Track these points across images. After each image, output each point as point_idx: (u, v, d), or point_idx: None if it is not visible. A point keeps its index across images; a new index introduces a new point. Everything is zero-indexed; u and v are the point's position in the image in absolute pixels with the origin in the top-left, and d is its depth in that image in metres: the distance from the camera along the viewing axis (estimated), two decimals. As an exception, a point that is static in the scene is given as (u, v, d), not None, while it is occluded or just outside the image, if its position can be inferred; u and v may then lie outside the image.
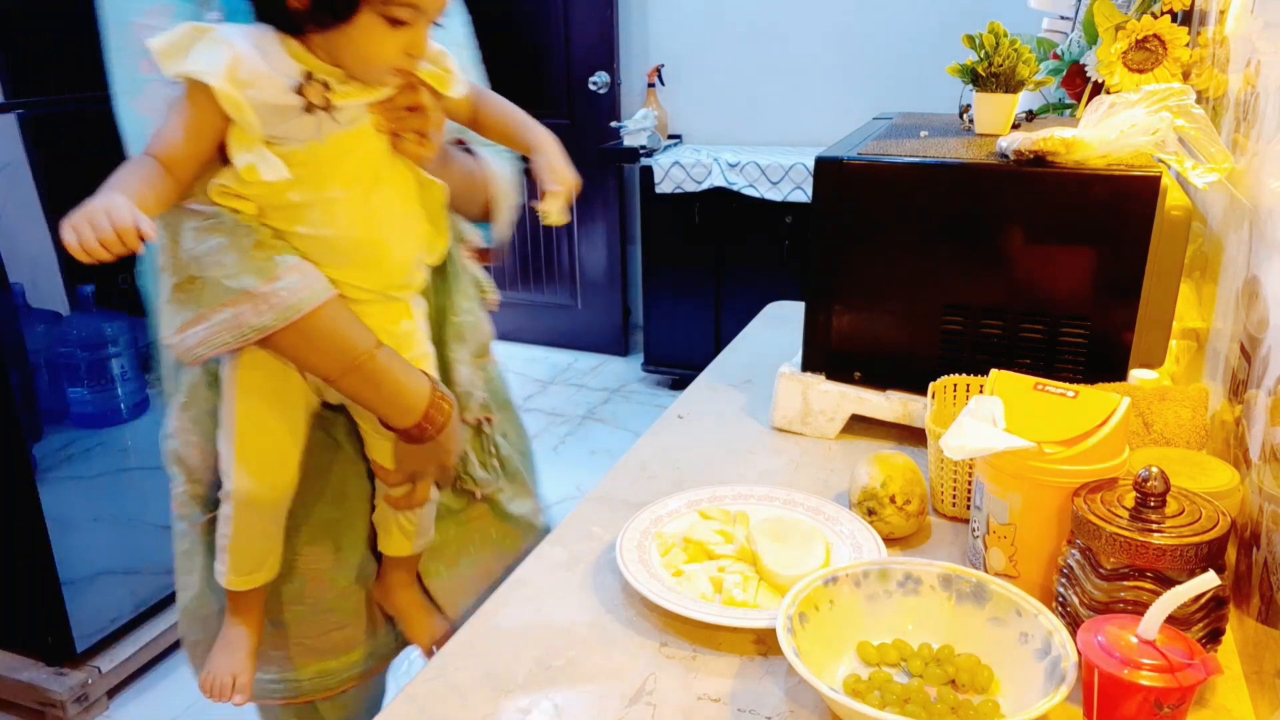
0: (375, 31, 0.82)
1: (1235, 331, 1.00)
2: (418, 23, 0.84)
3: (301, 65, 0.83)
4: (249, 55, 0.82)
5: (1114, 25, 1.33)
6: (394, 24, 0.82)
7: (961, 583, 0.81)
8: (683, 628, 0.85)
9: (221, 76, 0.80)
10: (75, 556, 1.93)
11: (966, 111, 1.34)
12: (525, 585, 0.93)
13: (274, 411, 0.97)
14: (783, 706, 0.76)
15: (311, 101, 0.84)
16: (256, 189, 0.87)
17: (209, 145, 0.85)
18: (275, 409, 0.97)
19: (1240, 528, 0.86)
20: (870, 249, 1.14)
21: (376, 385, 0.93)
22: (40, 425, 1.88)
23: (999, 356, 1.11)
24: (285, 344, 0.90)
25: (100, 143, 1.93)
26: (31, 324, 1.86)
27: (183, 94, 0.84)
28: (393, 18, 0.82)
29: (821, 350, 1.20)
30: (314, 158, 0.88)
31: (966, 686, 0.75)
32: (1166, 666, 0.64)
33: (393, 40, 0.83)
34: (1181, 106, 1.03)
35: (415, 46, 0.85)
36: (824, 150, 1.15)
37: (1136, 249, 1.03)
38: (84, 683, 1.96)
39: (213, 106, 0.82)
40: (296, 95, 0.83)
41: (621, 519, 0.99)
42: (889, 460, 0.99)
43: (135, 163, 0.84)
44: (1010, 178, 1.06)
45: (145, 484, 2.07)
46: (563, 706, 0.76)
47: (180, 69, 0.82)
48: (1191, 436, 0.97)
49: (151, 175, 0.83)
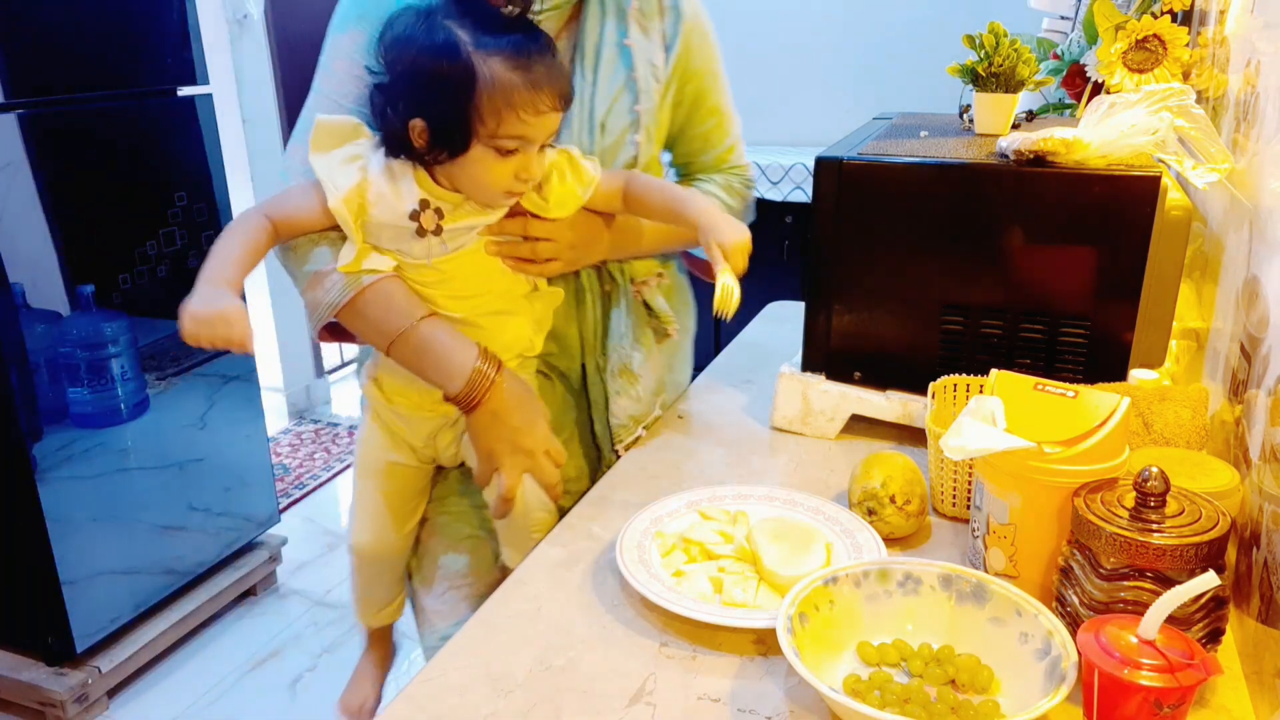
0: (487, 161, 0.94)
1: (1235, 331, 1.00)
2: (527, 150, 0.94)
3: (421, 192, 0.96)
4: (377, 180, 0.95)
5: (1114, 25, 1.33)
6: (503, 154, 0.94)
7: (961, 583, 0.81)
8: (683, 628, 0.85)
9: (340, 197, 0.95)
10: (75, 556, 1.93)
11: (966, 111, 1.34)
12: (525, 585, 0.93)
13: (389, 484, 1.14)
14: (783, 706, 0.76)
15: (424, 226, 0.97)
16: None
17: (320, 226, 0.99)
18: (391, 483, 1.14)
19: (1240, 528, 0.86)
20: (870, 249, 1.14)
21: (422, 353, 1.00)
22: (40, 425, 1.88)
23: (999, 356, 1.11)
24: (344, 319, 1.01)
25: (100, 143, 1.94)
26: (31, 324, 1.86)
27: (315, 181, 0.97)
28: (501, 149, 0.93)
29: (821, 350, 1.20)
30: (421, 273, 1.01)
31: (966, 686, 0.75)
32: (1166, 666, 0.64)
33: (504, 167, 0.95)
34: (1181, 106, 1.03)
35: (525, 171, 0.96)
36: (824, 150, 1.15)
37: (1136, 249, 1.03)
38: (84, 683, 1.96)
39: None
40: (411, 220, 0.97)
41: (621, 519, 0.99)
42: (889, 460, 0.99)
43: (251, 227, 0.97)
44: (1010, 178, 1.06)
45: (145, 484, 2.08)
46: (563, 706, 0.76)
47: (317, 165, 0.96)
48: (1191, 436, 0.97)
49: (260, 243, 0.97)
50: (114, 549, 2.02)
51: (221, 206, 2.24)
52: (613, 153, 1.11)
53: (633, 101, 1.10)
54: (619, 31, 1.09)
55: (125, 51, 2.01)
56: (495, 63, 0.91)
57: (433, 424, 1.11)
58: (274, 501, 2.45)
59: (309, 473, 3.11)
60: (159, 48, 2.07)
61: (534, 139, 0.95)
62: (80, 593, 1.94)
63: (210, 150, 2.20)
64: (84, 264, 1.95)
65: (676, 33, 1.13)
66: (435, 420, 1.10)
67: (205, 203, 2.20)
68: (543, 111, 0.93)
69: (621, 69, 1.09)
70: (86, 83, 1.93)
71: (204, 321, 0.88)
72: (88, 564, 1.96)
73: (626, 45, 1.09)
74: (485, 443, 1.02)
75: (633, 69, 1.09)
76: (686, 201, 1.04)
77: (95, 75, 1.95)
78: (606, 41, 1.09)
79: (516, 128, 0.93)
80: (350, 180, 0.96)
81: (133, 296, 2.05)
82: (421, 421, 1.11)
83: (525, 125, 0.93)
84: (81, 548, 1.94)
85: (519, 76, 0.91)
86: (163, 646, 2.16)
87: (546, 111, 0.94)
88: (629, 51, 1.09)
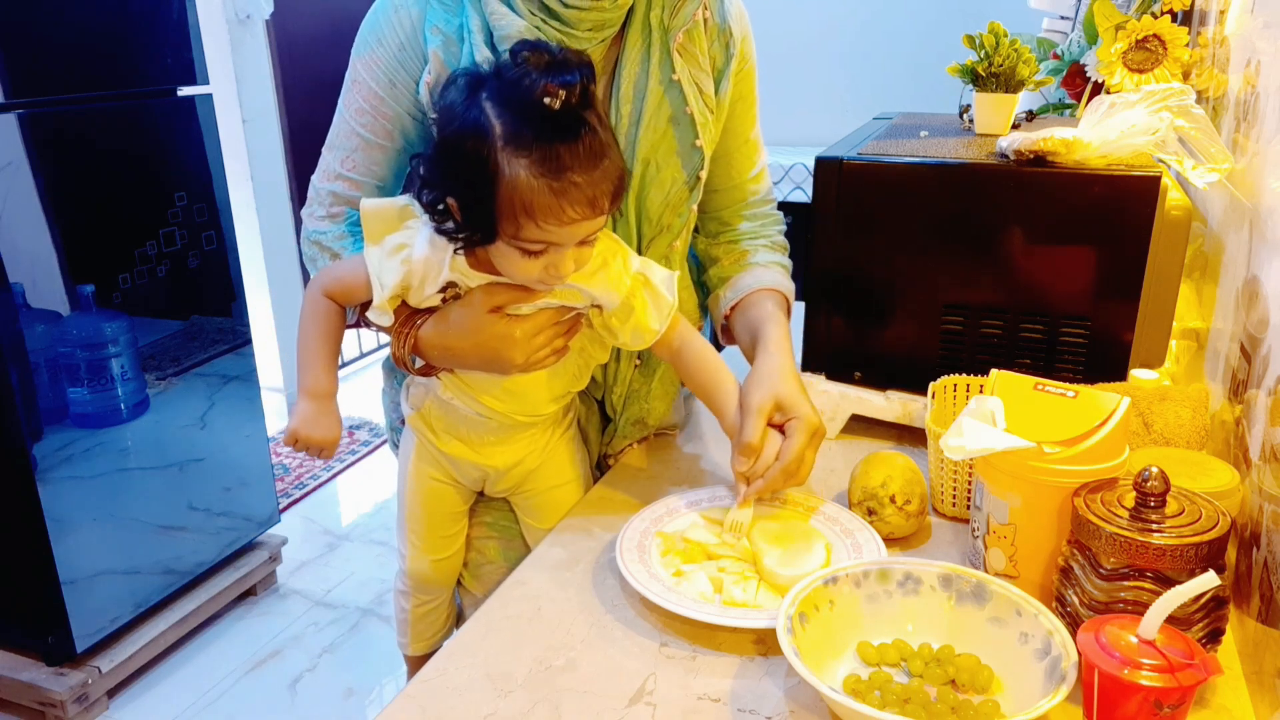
0: (512, 256, 0.89)
1: (1235, 331, 1.00)
2: (556, 251, 0.88)
3: (450, 274, 0.94)
4: (420, 269, 0.94)
5: (1114, 25, 1.33)
6: (527, 254, 0.88)
7: (961, 583, 0.81)
8: (683, 628, 0.85)
9: (385, 297, 0.94)
10: (75, 556, 1.93)
11: (966, 111, 1.34)
12: (525, 585, 0.93)
13: (438, 506, 1.15)
14: (783, 706, 0.76)
15: (446, 300, 0.97)
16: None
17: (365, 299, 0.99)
18: (440, 504, 1.15)
19: (1240, 528, 0.86)
20: (870, 249, 1.14)
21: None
22: (40, 425, 1.87)
23: (999, 356, 1.11)
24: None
25: (100, 143, 1.94)
26: (31, 324, 1.86)
27: (364, 261, 0.95)
28: (524, 250, 0.88)
29: (821, 350, 1.20)
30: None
31: (966, 686, 0.75)
32: (1166, 666, 0.64)
33: (530, 265, 0.89)
34: (1181, 106, 1.03)
35: (555, 268, 0.90)
36: (824, 150, 1.15)
37: (1136, 249, 1.03)
38: (84, 683, 1.96)
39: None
40: (439, 295, 0.96)
41: (621, 519, 0.99)
42: (889, 460, 0.99)
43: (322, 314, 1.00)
44: (1010, 178, 1.06)
45: (145, 484, 2.07)
46: (563, 706, 0.76)
47: (370, 258, 0.95)
48: (1191, 436, 0.97)
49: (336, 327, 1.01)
50: (114, 549, 2.02)
51: (221, 207, 2.24)
52: (661, 186, 1.07)
53: (690, 137, 1.06)
54: (664, 67, 1.04)
55: (125, 51, 2.00)
56: (522, 164, 0.83)
57: (480, 472, 1.12)
58: (274, 501, 2.45)
59: (309, 473, 3.10)
60: (159, 48, 2.07)
61: (561, 243, 0.88)
62: (80, 593, 1.94)
63: (210, 150, 2.20)
64: (84, 264, 1.95)
65: (729, 59, 1.08)
66: (481, 469, 1.12)
67: (205, 203, 2.20)
68: (569, 222, 0.85)
69: (667, 105, 1.05)
70: (86, 83, 1.92)
71: (309, 444, 0.98)
72: (88, 564, 1.96)
73: (675, 81, 1.04)
74: (480, 369, 1.01)
75: (685, 103, 1.05)
76: (724, 407, 1.01)
77: (95, 75, 1.94)
78: (651, 76, 1.03)
79: (536, 234, 0.86)
80: (394, 277, 0.94)
81: (133, 296, 2.05)
82: (470, 466, 1.11)
83: (547, 233, 0.86)
84: (81, 548, 1.94)
85: (544, 184, 0.83)
86: (163, 646, 2.16)
87: (575, 221, 0.85)
88: (678, 87, 1.04)
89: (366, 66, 1.01)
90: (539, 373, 1.02)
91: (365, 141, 1.03)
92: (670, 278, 1.00)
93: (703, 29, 1.06)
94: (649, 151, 1.05)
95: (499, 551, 1.20)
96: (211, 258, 2.23)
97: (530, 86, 0.82)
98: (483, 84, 0.85)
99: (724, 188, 1.18)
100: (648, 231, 1.09)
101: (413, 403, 1.11)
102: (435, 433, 1.10)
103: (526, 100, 0.82)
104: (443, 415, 1.09)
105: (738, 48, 1.09)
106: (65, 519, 1.91)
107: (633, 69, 1.03)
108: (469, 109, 0.85)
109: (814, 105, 3.55)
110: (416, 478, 1.14)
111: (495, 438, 1.08)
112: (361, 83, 1.02)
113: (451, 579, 1.22)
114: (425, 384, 1.08)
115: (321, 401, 0.99)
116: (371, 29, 1.01)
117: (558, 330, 0.99)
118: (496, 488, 1.15)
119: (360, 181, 1.05)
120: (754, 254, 1.19)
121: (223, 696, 2.10)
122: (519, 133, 0.83)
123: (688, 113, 1.05)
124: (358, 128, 1.03)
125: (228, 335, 2.30)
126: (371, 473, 3.13)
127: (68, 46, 1.88)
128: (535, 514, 1.15)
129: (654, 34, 1.03)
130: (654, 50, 1.04)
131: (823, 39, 3.50)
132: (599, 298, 0.97)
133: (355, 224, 1.05)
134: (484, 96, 0.84)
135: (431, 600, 1.22)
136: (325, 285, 0.99)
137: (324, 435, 0.98)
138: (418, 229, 0.94)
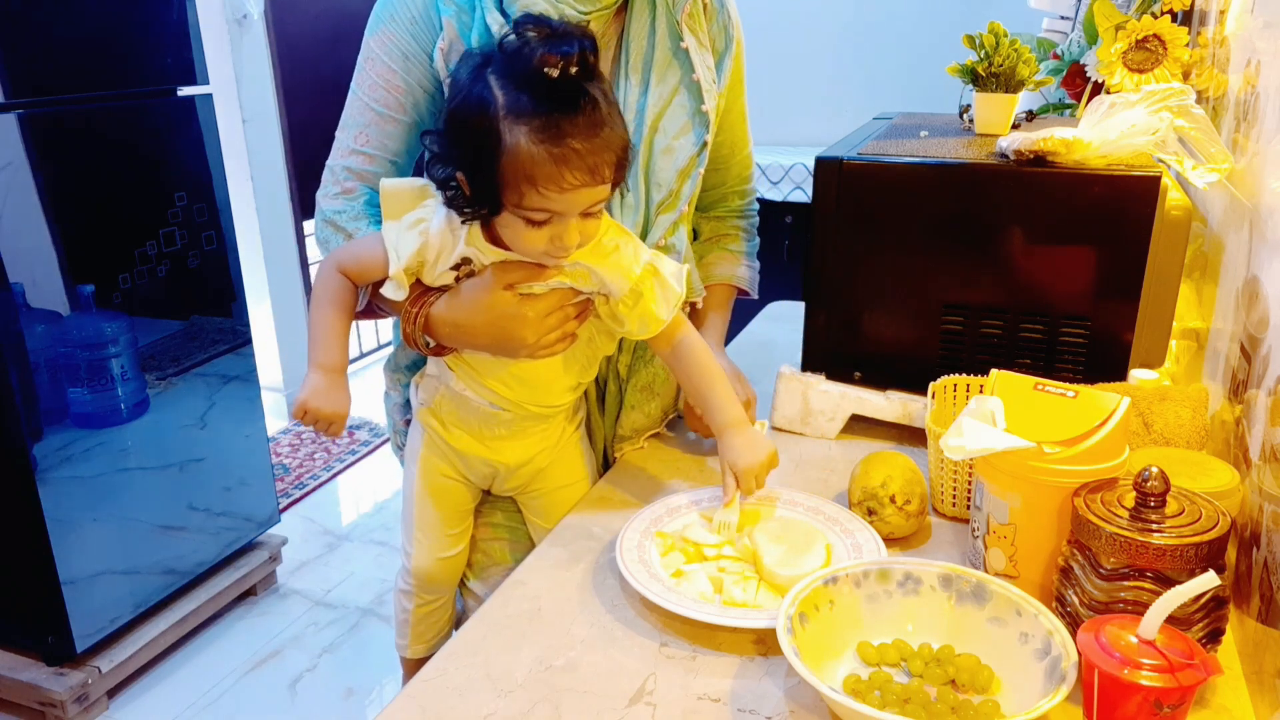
0: (517, 227, 0.90)
1: (1235, 331, 1.00)
2: (560, 221, 0.90)
3: (466, 249, 0.95)
4: (434, 241, 0.95)
5: (1114, 25, 1.33)
6: (532, 224, 0.89)
7: (961, 583, 0.81)
8: (683, 628, 0.85)
9: (400, 266, 0.95)
10: (75, 556, 1.93)
11: (966, 111, 1.34)
12: (525, 585, 0.93)
13: (446, 501, 1.15)
14: (783, 706, 0.76)
15: (460, 278, 0.98)
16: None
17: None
18: (448, 500, 1.15)
19: (1240, 528, 0.86)
20: (870, 249, 1.14)
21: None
22: (40, 425, 1.87)
23: (999, 356, 1.11)
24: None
25: (100, 143, 1.94)
26: (31, 324, 1.86)
27: (381, 237, 0.97)
28: (528, 219, 0.89)
29: (821, 350, 1.20)
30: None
31: (966, 686, 0.75)
32: (1166, 666, 0.64)
33: (536, 235, 0.91)
34: (1181, 106, 1.03)
35: (560, 239, 0.91)
36: (824, 150, 1.15)
37: (1136, 249, 1.03)
38: (84, 683, 1.96)
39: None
40: (453, 273, 0.98)
41: (621, 519, 0.99)
42: (889, 460, 0.99)
43: (335, 289, 1.00)
44: (1010, 178, 1.06)
45: (145, 484, 2.07)
46: (563, 706, 0.76)
47: (387, 233, 0.96)
48: (1191, 436, 0.97)
49: (348, 303, 1.01)
50: (114, 549, 2.02)
51: (221, 206, 2.24)
52: (670, 154, 1.08)
53: (697, 103, 1.08)
54: (671, 36, 1.07)
55: (125, 52, 2.00)
56: (521, 132, 0.84)
57: (489, 469, 1.13)
58: (274, 501, 2.45)
59: (309, 473, 3.10)
60: (159, 48, 2.07)
61: (564, 212, 0.88)
62: (80, 593, 1.94)
63: (210, 150, 2.20)
64: (84, 264, 1.95)
65: (729, 42, 1.13)
66: (492, 465, 1.12)
67: (205, 203, 2.20)
68: (569, 188, 0.86)
69: (676, 70, 1.08)
70: (86, 83, 1.92)
71: (318, 417, 0.97)
72: (87, 564, 1.96)
73: (683, 48, 1.07)
74: (492, 352, 1.02)
75: (692, 70, 1.08)
76: (719, 406, 1.02)
77: (95, 75, 1.94)
78: (659, 45, 1.07)
79: (538, 201, 0.87)
80: (410, 247, 0.95)
81: (133, 296, 2.05)
82: (480, 462, 1.12)
83: (549, 200, 0.87)
84: (81, 548, 1.94)
85: (544, 150, 0.84)
86: (163, 646, 2.16)
87: (575, 188, 0.86)
88: (685, 54, 1.07)
89: (379, 43, 1.03)
90: (550, 360, 1.03)
91: (379, 116, 1.05)
92: (680, 271, 1.01)
93: (703, 10, 1.10)
94: (657, 118, 1.08)
95: (506, 553, 1.21)
96: (211, 258, 2.23)
97: (529, 56, 0.84)
98: (489, 61, 0.88)
99: (709, 169, 1.21)
100: (656, 197, 1.10)
101: (424, 397, 1.12)
102: (446, 426, 1.10)
103: (526, 70, 0.84)
104: (455, 409, 1.09)
105: (735, 33, 1.14)
106: (65, 519, 1.91)
107: (640, 39, 1.07)
108: (474, 84, 0.87)
109: (814, 105, 3.55)
110: (425, 472, 1.14)
111: (506, 431, 1.09)
112: (375, 59, 1.04)
113: (455, 579, 1.22)
114: (437, 377, 1.09)
115: (332, 375, 0.98)
116: (384, 6, 1.04)
117: (568, 313, 1.00)
118: (505, 485, 1.15)
119: (374, 155, 1.06)
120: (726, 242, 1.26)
121: (223, 696, 2.10)
122: (519, 102, 0.85)
123: (695, 80, 1.08)
124: (371, 103, 1.04)
125: (228, 335, 2.30)
126: (371, 473, 3.13)
127: (68, 46, 1.88)
128: (542, 513, 1.16)
129: (659, 4, 1.07)
130: (660, 20, 1.07)
131: (823, 39, 3.50)
132: (608, 283, 0.98)
133: (370, 204, 1.06)
134: (489, 71, 0.87)
135: (434, 600, 1.22)
136: (340, 261, 1.00)
137: (333, 408, 0.97)
138: (435, 207, 0.96)
